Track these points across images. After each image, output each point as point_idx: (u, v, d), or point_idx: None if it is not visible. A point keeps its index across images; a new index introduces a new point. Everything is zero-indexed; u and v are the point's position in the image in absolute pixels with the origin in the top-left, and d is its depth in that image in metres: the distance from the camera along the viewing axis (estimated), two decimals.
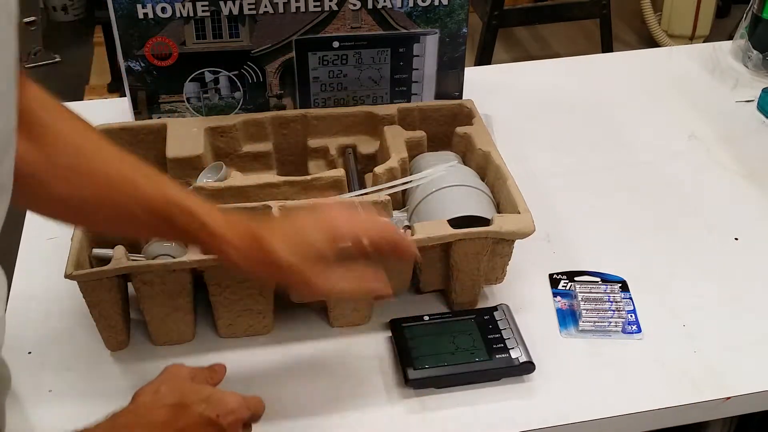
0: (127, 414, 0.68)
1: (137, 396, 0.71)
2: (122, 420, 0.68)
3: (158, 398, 0.70)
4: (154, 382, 0.72)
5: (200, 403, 0.70)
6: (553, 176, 1.20)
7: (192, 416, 0.69)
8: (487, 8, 2.71)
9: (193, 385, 0.73)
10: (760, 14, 1.44)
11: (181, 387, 0.72)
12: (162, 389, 0.71)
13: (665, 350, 0.94)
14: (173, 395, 0.70)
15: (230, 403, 0.71)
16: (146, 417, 0.68)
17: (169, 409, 0.69)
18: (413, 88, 1.20)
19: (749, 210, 1.15)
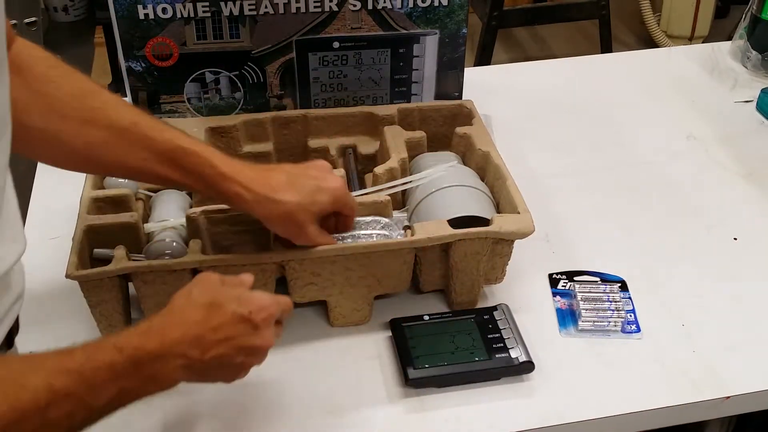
0: (162, 316, 0.70)
1: (171, 301, 0.72)
2: (157, 321, 0.69)
3: (191, 300, 0.71)
4: (187, 286, 0.74)
5: (232, 301, 0.72)
6: (552, 176, 1.20)
7: (225, 314, 0.71)
8: (486, 9, 2.71)
9: (224, 287, 0.74)
10: (759, 15, 1.45)
11: (212, 289, 0.73)
12: (194, 291, 0.72)
13: (664, 350, 0.94)
14: (206, 296, 0.72)
15: (262, 301, 0.73)
16: (181, 317, 0.70)
17: (203, 308, 0.70)
18: (413, 89, 1.21)
19: (748, 210, 1.16)
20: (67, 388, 0.62)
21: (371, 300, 0.95)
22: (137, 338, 0.67)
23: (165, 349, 0.67)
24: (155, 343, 0.67)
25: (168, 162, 0.81)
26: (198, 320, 0.70)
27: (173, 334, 0.68)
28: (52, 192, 1.14)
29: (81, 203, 0.94)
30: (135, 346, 0.66)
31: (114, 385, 0.64)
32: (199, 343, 0.69)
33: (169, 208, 0.99)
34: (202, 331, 0.69)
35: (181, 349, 0.68)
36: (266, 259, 0.88)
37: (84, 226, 0.91)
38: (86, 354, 0.64)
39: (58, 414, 0.61)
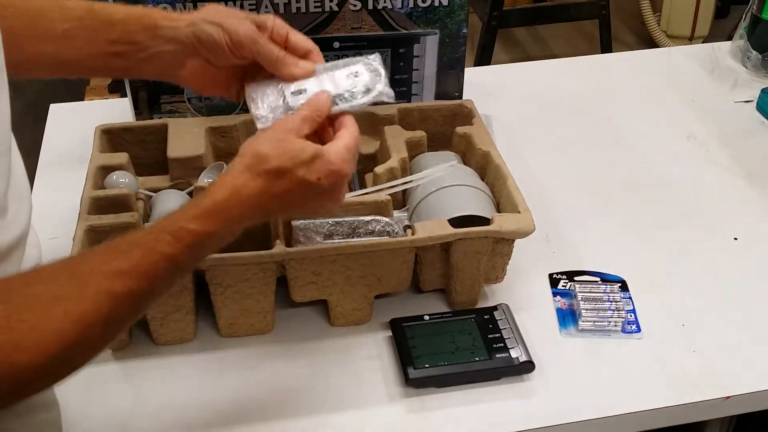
0: (222, 188, 0.67)
1: (240, 155, 0.69)
2: (218, 197, 0.67)
3: (257, 162, 0.68)
4: (259, 140, 0.70)
5: (302, 166, 0.69)
6: (553, 176, 1.20)
7: (291, 181, 0.69)
8: (486, 9, 2.71)
9: (297, 143, 0.70)
10: (759, 15, 1.45)
11: (284, 147, 0.69)
12: (264, 150, 0.69)
13: (665, 350, 0.94)
14: (273, 159, 0.68)
15: (334, 163, 0.70)
16: (243, 189, 0.67)
17: (267, 177, 0.68)
18: (413, 89, 1.21)
19: (749, 210, 1.16)
20: (128, 287, 0.61)
21: (371, 299, 0.95)
22: (195, 223, 0.65)
23: (226, 229, 0.66)
24: (215, 225, 0.66)
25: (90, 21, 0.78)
26: (260, 190, 0.68)
27: (233, 212, 0.66)
28: (52, 192, 1.14)
29: (81, 203, 0.94)
30: (194, 232, 0.65)
31: (175, 269, 0.65)
32: (262, 211, 0.68)
33: (169, 208, 0.99)
34: (264, 200, 0.68)
35: (242, 222, 0.67)
36: (266, 258, 0.88)
37: (84, 226, 0.91)
38: (142, 250, 0.63)
39: (121, 311, 0.61)
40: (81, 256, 0.65)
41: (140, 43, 0.80)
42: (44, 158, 1.23)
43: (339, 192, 0.73)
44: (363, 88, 0.78)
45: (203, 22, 0.79)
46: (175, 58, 0.81)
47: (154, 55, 0.80)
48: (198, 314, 0.94)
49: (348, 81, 0.78)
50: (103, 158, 1.02)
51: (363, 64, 0.81)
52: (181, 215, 0.66)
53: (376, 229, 0.92)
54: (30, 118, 0.83)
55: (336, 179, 0.71)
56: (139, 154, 1.07)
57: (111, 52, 0.80)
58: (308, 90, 0.77)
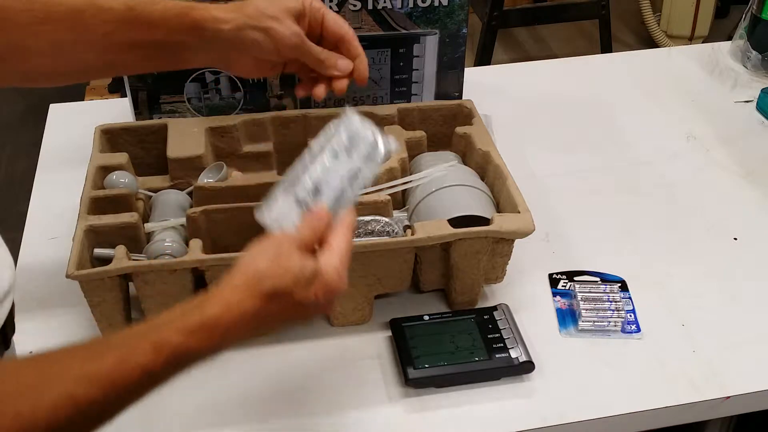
0: (218, 302, 0.63)
1: (237, 269, 0.66)
2: (212, 312, 0.62)
3: (256, 281, 0.64)
4: (258, 255, 0.66)
5: (300, 287, 0.65)
6: (552, 176, 1.20)
7: (287, 302, 0.65)
8: (486, 9, 2.71)
9: (297, 261, 0.66)
10: (759, 15, 1.44)
11: (284, 267, 0.65)
12: (263, 268, 0.65)
13: (664, 350, 0.94)
14: (272, 279, 0.64)
15: (332, 281, 0.67)
16: (235, 308, 0.63)
17: (264, 298, 0.64)
18: (413, 89, 1.21)
19: (748, 210, 1.16)
20: (93, 396, 0.56)
21: (371, 299, 0.95)
22: (179, 336, 0.60)
23: (212, 346, 0.62)
24: (201, 342, 0.61)
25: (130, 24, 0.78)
26: (254, 310, 0.64)
27: (222, 330, 0.62)
28: (52, 192, 1.14)
29: (81, 203, 0.94)
30: (176, 346, 0.60)
31: (150, 383, 0.60)
32: (253, 331, 0.65)
33: (169, 208, 0.99)
34: (257, 320, 0.64)
35: (230, 340, 0.63)
36: None
37: (84, 226, 0.91)
38: (119, 356, 0.58)
39: (78, 421, 0.56)
40: (53, 353, 0.59)
41: (184, 43, 0.81)
42: (44, 158, 1.23)
43: (331, 304, 0.70)
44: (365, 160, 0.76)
45: (249, 27, 0.80)
46: (220, 56, 0.83)
47: (198, 53, 0.82)
48: None
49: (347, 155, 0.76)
50: (103, 158, 1.02)
51: (346, 127, 0.78)
52: (167, 323, 0.61)
53: (375, 229, 0.92)
54: (30, 118, 0.83)
55: (331, 296, 0.68)
56: (139, 154, 1.07)
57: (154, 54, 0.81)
58: (322, 187, 0.75)
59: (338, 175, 0.75)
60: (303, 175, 0.75)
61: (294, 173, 0.76)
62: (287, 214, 0.74)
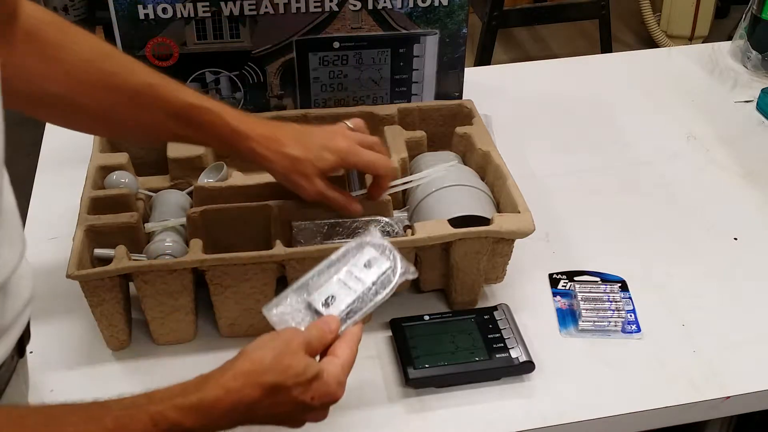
0: (218, 387, 0.64)
1: (241, 357, 0.67)
2: (211, 395, 0.64)
3: (258, 371, 0.66)
4: (264, 347, 0.68)
5: (299, 386, 0.67)
6: (552, 176, 1.20)
7: (285, 398, 0.67)
8: (486, 9, 2.71)
9: (301, 361, 0.68)
10: (759, 15, 1.45)
11: (288, 364, 0.67)
12: (267, 360, 0.66)
13: (665, 350, 0.94)
14: (275, 373, 0.66)
15: (331, 386, 0.69)
16: (234, 395, 0.64)
17: (263, 389, 0.65)
18: (413, 89, 1.21)
19: (748, 210, 1.16)
20: None
21: None
22: (177, 413, 0.62)
23: (206, 427, 0.63)
24: (196, 422, 0.62)
25: (183, 121, 0.84)
26: (252, 400, 0.65)
27: (218, 414, 0.64)
28: (52, 192, 1.14)
29: (81, 203, 0.94)
30: (173, 422, 0.61)
31: None
32: (246, 419, 0.66)
33: (169, 208, 0.99)
34: (252, 410, 0.66)
35: (223, 424, 0.65)
36: (266, 258, 0.88)
37: (84, 226, 0.91)
38: (118, 423, 0.59)
39: None
40: (53, 408, 0.60)
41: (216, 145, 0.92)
42: (44, 158, 1.23)
43: (325, 411, 0.72)
44: (381, 282, 0.78)
45: (280, 174, 0.88)
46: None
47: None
48: (198, 314, 0.94)
49: (365, 274, 0.78)
50: (103, 158, 1.02)
51: (370, 246, 0.80)
52: (166, 398, 0.63)
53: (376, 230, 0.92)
54: (30, 118, 0.83)
55: (328, 401, 0.70)
56: (139, 154, 1.07)
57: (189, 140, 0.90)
58: (336, 299, 0.76)
59: (353, 291, 0.77)
60: (318, 283, 0.77)
61: (308, 278, 0.78)
62: (295, 315, 0.76)
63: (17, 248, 0.70)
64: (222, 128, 0.85)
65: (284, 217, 0.94)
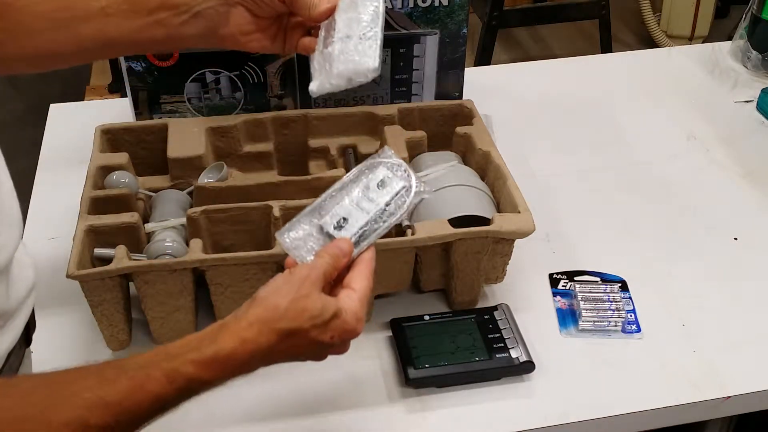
0: (233, 337, 0.63)
1: (256, 303, 0.66)
2: (227, 346, 0.62)
3: (274, 317, 0.64)
4: (278, 291, 0.66)
5: (317, 328, 0.65)
6: (553, 176, 1.20)
7: (302, 339, 0.65)
8: (486, 9, 2.71)
9: (317, 302, 0.66)
10: (760, 15, 1.44)
11: (303, 307, 0.65)
12: (282, 306, 0.65)
13: (665, 350, 0.94)
14: (291, 318, 0.64)
15: (349, 324, 0.67)
16: (250, 344, 0.63)
17: (280, 335, 0.64)
18: (413, 89, 1.21)
19: (749, 210, 1.16)
20: (105, 422, 0.56)
21: (372, 299, 0.95)
22: (192, 368, 0.61)
23: (224, 378, 0.63)
24: (213, 374, 0.62)
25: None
26: (269, 346, 0.64)
27: (235, 363, 0.63)
28: (52, 192, 1.14)
29: (81, 203, 0.94)
30: (189, 377, 0.61)
31: (161, 410, 0.60)
32: (265, 364, 0.65)
33: (169, 207, 0.99)
34: (270, 355, 0.65)
35: (241, 372, 0.64)
36: (266, 258, 0.88)
37: (84, 226, 0.91)
38: (132, 383, 0.59)
39: None
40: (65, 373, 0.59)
41: (181, 5, 0.80)
42: (44, 158, 1.23)
43: (346, 346, 0.70)
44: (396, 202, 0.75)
45: None
46: (218, 14, 0.81)
47: (196, 14, 0.80)
48: (198, 314, 0.94)
49: (379, 194, 0.75)
50: (103, 158, 1.02)
51: (384, 165, 0.77)
52: (180, 353, 0.62)
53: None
54: (30, 118, 0.83)
55: (348, 337, 0.68)
56: (139, 154, 1.07)
57: (153, 21, 0.80)
58: (349, 220, 0.74)
59: (366, 213, 0.74)
60: (330, 206, 0.75)
61: (321, 201, 0.76)
62: (307, 240, 0.74)
63: (15, 229, 0.69)
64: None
65: (285, 217, 0.94)
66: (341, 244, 0.72)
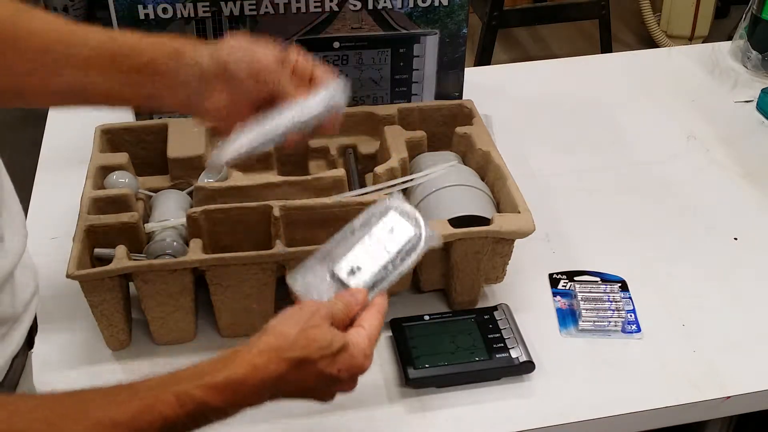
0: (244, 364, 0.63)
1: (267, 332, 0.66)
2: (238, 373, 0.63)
3: (284, 346, 0.65)
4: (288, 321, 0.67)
5: (325, 359, 0.66)
6: (553, 176, 1.20)
7: (311, 371, 0.66)
8: (486, 9, 2.71)
9: (326, 334, 0.67)
10: (759, 15, 1.45)
11: (313, 337, 0.66)
12: (291, 335, 0.66)
13: (665, 350, 0.94)
14: (300, 347, 0.65)
15: (358, 358, 0.68)
16: (260, 372, 0.64)
17: (289, 364, 0.64)
18: (413, 89, 1.21)
19: (748, 210, 1.16)
20: None
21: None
22: (203, 392, 0.61)
23: (233, 406, 0.63)
24: (223, 401, 0.62)
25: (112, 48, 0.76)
26: (278, 375, 0.64)
27: (245, 391, 0.63)
28: (52, 192, 1.14)
29: (81, 203, 0.94)
30: (199, 401, 0.61)
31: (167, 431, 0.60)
32: (273, 395, 0.65)
33: (169, 207, 0.99)
34: (278, 386, 0.65)
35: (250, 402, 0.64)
36: (266, 258, 0.88)
37: (84, 226, 0.91)
38: (142, 405, 0.59)
39: None
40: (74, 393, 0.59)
41: (166, 71, 0.78)
42: (44, 158, 1.23)
43: (354, 382, 0.70)
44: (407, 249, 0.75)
45: (227, 48, 0.78)
46: (200, 87, 0.78)
47: (179, 83, 0.78)
48: (198, 314, 0.94)
49: (390, 241, 0.76)
50: (103, 158, 1.02)
51: (395, 210, 0.77)
52: (192, 377, 0.62)
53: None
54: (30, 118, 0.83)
55: (355, 373, 0.68)
56: (139, 154, 1.07)
57: (136, 80, 0.78)
58: (362, 268, 0.74)
59: (378, 260, 0.75)
60: (342, 251, 0.75)
61: (332, 246, 0.76)
62: (320, 285, 0.74)
63: (21, 235, 0.70)
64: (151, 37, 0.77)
65: (285, 217, 0.94)
66: (357, 295, 0.72)
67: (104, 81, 0.77)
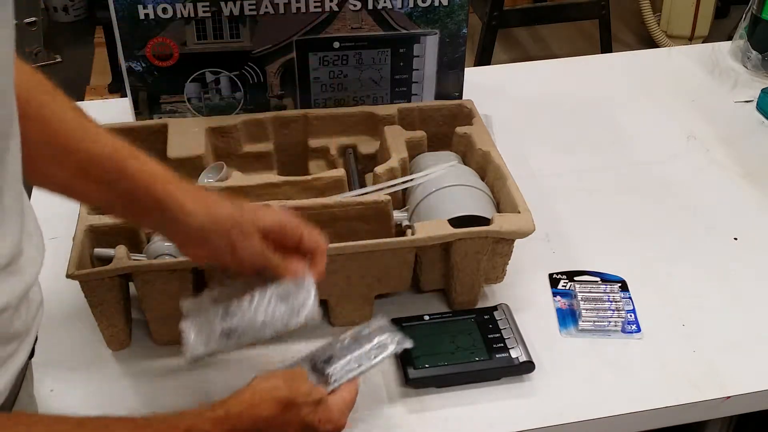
0: (240, 403, 0.70)
1: (257, 379, 0.73)
2: (235, 409, 0.69)
3: (272, 388, 0.72)
4: (276, 375, 0.74)
5: (308, 405, 0.72)
6: (553, 176, 1.20)
7: (296, 416, 0.72)
8: (486, 9, 2.72)
9: (308, 386, 0.74)
10: (759, 15, 1.45)
11: (296, 384, 0.73)
12: (279, 381, 0.73)
13: (665, 350, 0.94)
14: (287, 389, 0.72)
15: (334, 413, 0.75)
16: (255, 409, 0.70)
17: (278, 404, 0.71)
18: (413, 89, 1.21)
19: (748, 210, 1.16)
20: None
21: (372, 299, 0.95)
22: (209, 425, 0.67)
23: None
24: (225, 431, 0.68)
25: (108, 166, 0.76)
26: (268, 416, 0.70)
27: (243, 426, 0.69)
28: None
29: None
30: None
31: None
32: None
33: None
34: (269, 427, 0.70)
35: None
36: None
37: (84, 226, 0.91)
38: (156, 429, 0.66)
39: None
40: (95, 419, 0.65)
41: (153, 219, 0.79)
42: None
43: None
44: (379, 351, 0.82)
45: (213, 232, 0.76)
46: (179, 238, 0.79)
47: (163, 228, 0.80)
48: None
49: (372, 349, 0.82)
50: None
51: (389, 333, 0.83)
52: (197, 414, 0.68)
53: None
54: None
55: (332, 428, 0.74)
56: None
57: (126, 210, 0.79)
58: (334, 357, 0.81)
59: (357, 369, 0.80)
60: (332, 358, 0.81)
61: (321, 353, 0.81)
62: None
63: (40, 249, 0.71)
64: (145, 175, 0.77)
65: None
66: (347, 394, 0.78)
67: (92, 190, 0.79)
